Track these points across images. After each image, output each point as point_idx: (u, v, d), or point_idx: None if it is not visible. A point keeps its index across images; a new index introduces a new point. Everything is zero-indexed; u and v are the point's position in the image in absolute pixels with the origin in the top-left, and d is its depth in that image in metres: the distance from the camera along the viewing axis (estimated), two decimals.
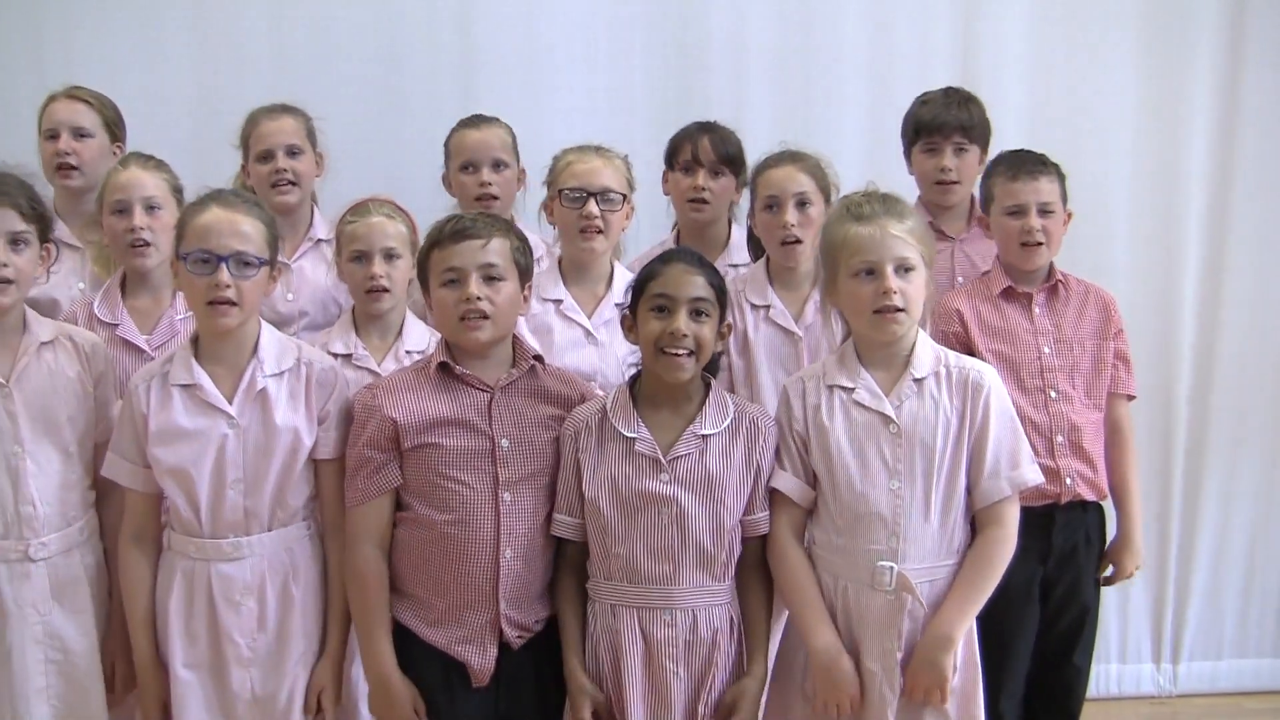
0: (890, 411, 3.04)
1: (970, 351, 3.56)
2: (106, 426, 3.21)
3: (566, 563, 3.13)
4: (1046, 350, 3.65)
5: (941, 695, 3.00)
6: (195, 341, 3.14)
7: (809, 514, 3.13)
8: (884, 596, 3.01)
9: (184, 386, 3.08)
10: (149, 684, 3.14)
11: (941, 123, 4.04)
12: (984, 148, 4.08)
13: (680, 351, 3.00)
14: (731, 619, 3.08)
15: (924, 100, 4.13)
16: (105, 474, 3.16)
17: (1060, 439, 3.60)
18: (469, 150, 4.07)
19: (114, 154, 4.06)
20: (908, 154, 4.14)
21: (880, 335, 3.05)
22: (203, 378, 3.08)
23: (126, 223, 3.58)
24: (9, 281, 3.10)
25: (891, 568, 3.00)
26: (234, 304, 3.02)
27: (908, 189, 3.62)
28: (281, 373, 3.12)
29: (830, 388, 3.10)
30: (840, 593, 3.06)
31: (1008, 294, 3.70)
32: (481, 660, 3.04)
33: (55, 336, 3.21)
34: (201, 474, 3.05)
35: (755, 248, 3.87)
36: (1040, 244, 3.64)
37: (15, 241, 3.11)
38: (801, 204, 3.63)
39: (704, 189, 3.98)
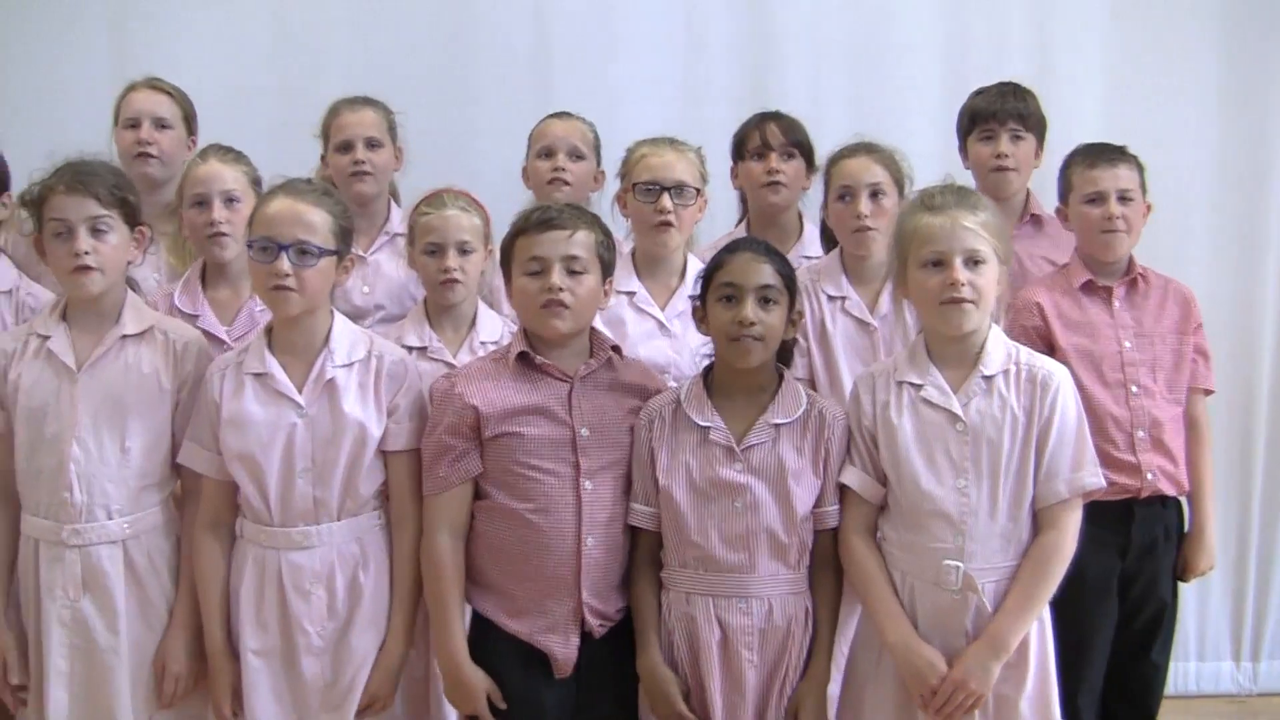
0: (958, 410, 3.02)
1: (1050, 345, 3.54)
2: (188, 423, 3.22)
3: (641, 553, 3.13)
4: (1127, 344, 3.61)
5: (976, 703, 2.97)
6: (269, 331, 3.18)
7: (880, 510, 3.11)
8: (950, 595, 2.99)
9: (256, 375, 3.11)
10: (221, 671, 3.16)
11: (997, 110, 4.03)
12: (1040, 140, 4.07)
13: (749, 339, 3.00)
14: (806, 608, 3.08)
15: (979, 92, 4.13)
16: (181, 460, 3.19)
17: (1141, 434, 3.57)
18: (549, 137, 4.13)
19: (188, 148, 4.10)
20: (963, 147, 4.12)
21: (947, 328, 3.03)
22: (274, 366, 3.11)
23: (206, 216, 3.61)
24: (91, 269, 3.13)
25: (958, 567, 2.98)
26: (292, 290, 3.04)
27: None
28: (351, 364, 3.14)
29: (899, 384, 3.08)
30: (908, 590, 3.05)
31: (1088, 287, 3.67)
32: (564, 650, 3.05)
33: (148, 329, 3.22)
34: (270, 462, 3.08)
35: (828, 241, 3.87)
36: (1120, 231, 3.61)
37: (96, 229, 3.13)
38: (875, 194, 3.61)
39: (778, 171, 3.99)
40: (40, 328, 3.22)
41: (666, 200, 3.65)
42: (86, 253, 3.11)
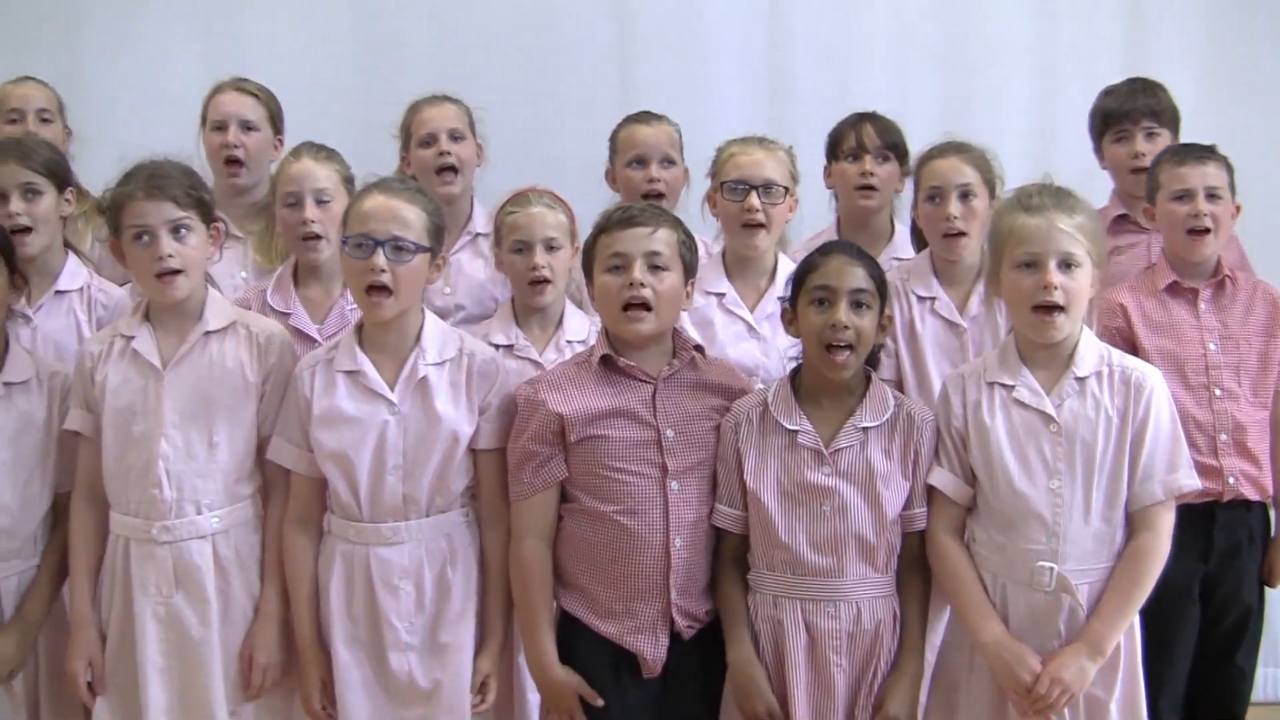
0: (1051, 410, 3.00)
1: (1133, 346, 3.52)
2: (275, 418, 3.24)
3: (726, 554, 3.13)
4: (1212, 347, 3.58)
5: (1069, 700, 2.95)
6: (360, 329, 3.19)
7: (968, 511, 3.10)
8: (1043, 597, 2.98)
9: (348, 373, 3.13)
10: (311, 664, 3.17)
11: (1130, 108, 4.01)
12: (1175, 134, 4.03)
13: (841, 343, 2.99)
14: (895, 611, 3.07)
15: (1108, 91, 4.10)
16: (270, 457, 3.21)
17: (1224, 437, 3.53)
18: (640, 145, 4.10)
19: (275, 147, 4.13)
20: (1098, 148, 4.09)
21: (1037, 335, 3.02)
22: (366, 364, 3.13)
23: (298, 215, 3.63)
24: (177, 271, 3.15)
25: (1051, 568, 2.96)
26: (388, 290, 3.06)
27: (1078, 184, 3.57)
28: (443, 362, 3.15)
29: (990, 385, 3.07)
30: (999, 591, 3.03)
31: (1173, 289, 3.64)
32: (654, 651, 3.05)
33: (230, 324, 3.25)
34: (362, 459, 3.10)
35: (918, 241, 3.85)
36: (1207, 230, 3.57)
37: (177, 229, 3.15)
38: (965, 195, 3.59)
39: (871, 174, 3.97)
40: (124, 329, 3.25)
41: (755, 199, 3.64)
42: (170, 255, 3.13)
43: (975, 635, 3.03)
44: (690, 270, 3.16)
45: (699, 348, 3.20)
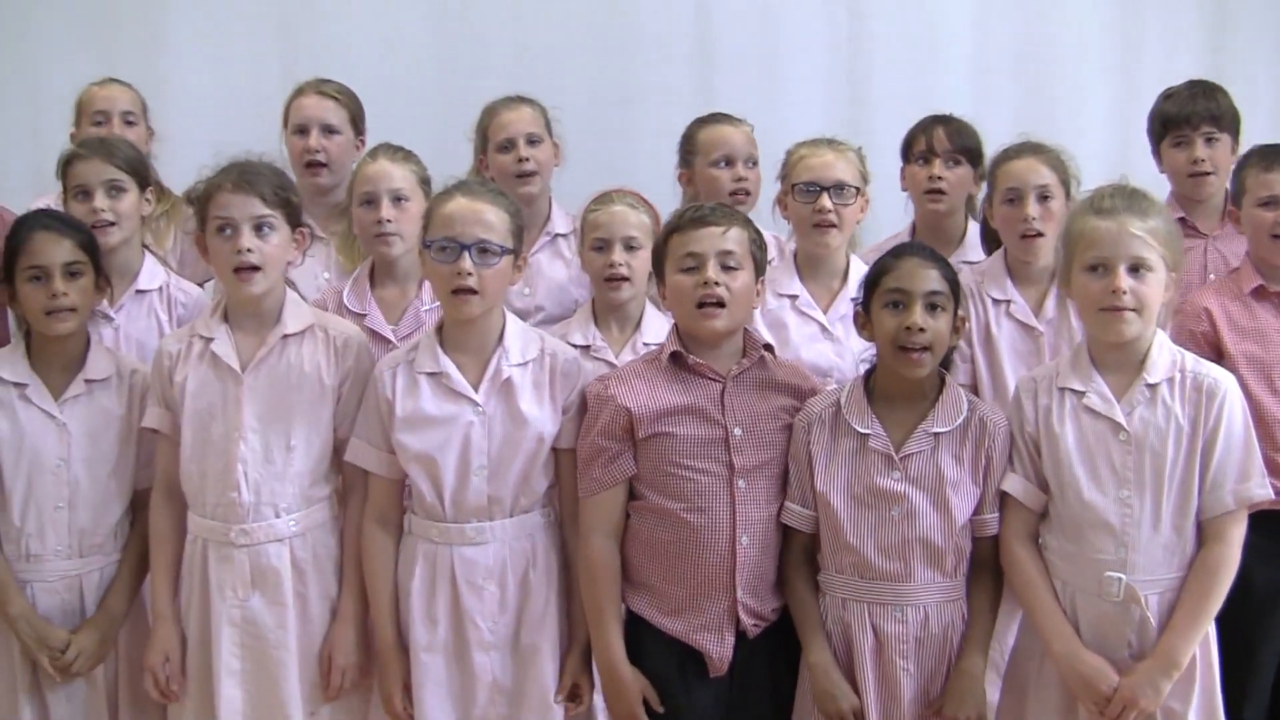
0: (1121, 418, 2.96)
1: (1218, 351, 3.47)
2: (352, 421, 3.24)
3: (796, 553, 3.12)
4: None
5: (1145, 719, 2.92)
6: (440, 330, 3.20)
7: (1041, 517, 3.06)
8: (1112, 607, 2.94)
9: (430, 374, 3.14)
10: (390, 665, 3.17)
11: (1189, 113, 3.94)
12: (1235, 137, 3.97)
13: (917, 346, 2.97)
14: (964, 616, 3.05)
15: (1168, 94, 4.05)
16: (349, 459, 3.22)
17: None
18: (727, 145, 4.11)
19: (356, 148, 4.15)
20: (1156, 151, 4.05)
21: (1106, 335, 2.98)
22: (449, 366, 3.13)
23: (374, 214, 3.65)
24: (256, 268, 3.17)
25: (1120, 578, 2.93)
26: (475, 292, 3.06)
27: (1156, 185, 3.53)
28: (526, 362, 3.16)
29: (1061, 390, 3.03)
30: (1069, 600, 3.00)
31: (1259, 293, 3.58)
32: (720, 649, 3.04)
33: (308, 327, 3.26)
34: (447, 460, 3.10)
35: (989, 241, 3.83)
36: None
37: (260, 226, 3.17)
38: (1043, 197, 3.56)
39: (940, 179, 3.95)
40: (202, 329, 3.26)
41: (825, 200, 3.63)
42: (250, 250, 3.15)
43: (1048, 644, 3.00)
44: (761, 269, 3.16)
45: (769, 347, 3.19)
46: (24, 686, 3.28)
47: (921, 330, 2.97)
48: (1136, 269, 2.93)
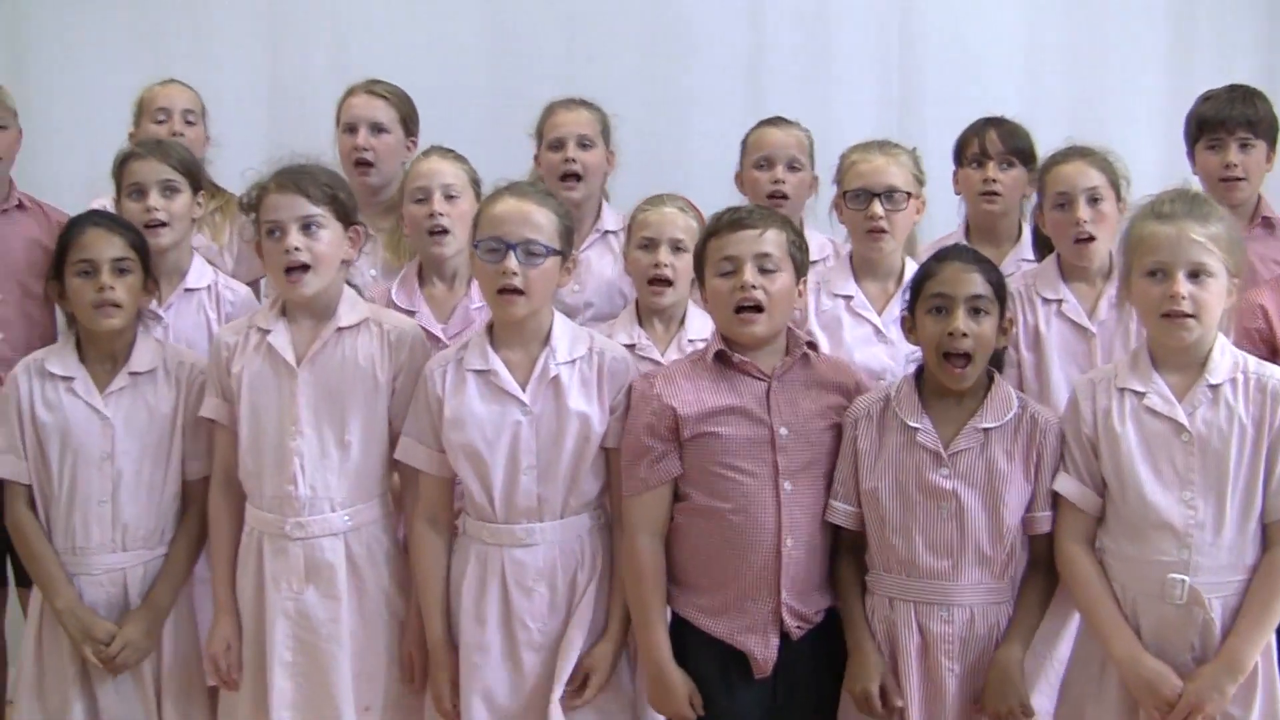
0: (1183, 419, 2.92)
1: (1272, 348, 3.43)
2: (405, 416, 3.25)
3: (845, 551, 3.11)
4: None
5: None
6: (490, 329, 3.20)
7: (1098, 520, 3.03)
8: (1174, 610, 2.91)
9: (479, 372, 3.14)
10: (441, 665, 3.18)
11: (1225, 117, 3.91)
12: (1271, 145, 3.94)
13: (959, 351, 2.96)
14: (1011, 617, 3.03)
15: (1207, 97, 4.01)
16: (399, 457, 3.23)
17: None
18: (767, 147, 4.10)
19: (407, 149, 4.17)
20: (1191, 153, 4.02)
21: (1167, 340, 2.95)
22: (497, 364, 3.13)
23: (426, 209, 3.67)
24: (306, 267, 3.18)
25: (1183, 580, 2.89)
26: (521, 292, 3.07)
27: None
28: (574, 361, 3.15)
29: (1121, 391, 3.00)
30: (1130, 604, 2.96)
31: None
32: (764, 651, 3.03)
33: (362, 320, 3.27)
34: (495, 459, 3.11)
35: (1041, 245, 3.81)
36: None
37: (308, 226, 3.19)
38: (1093, 200, 3.53)
39: (994, 180, 3.94)
40: (261, 321, 3.29)
41: (877, 206, 3.61)
42: (297, 249, 3.16)
43: (1109, 649, 2.96)
44: (801, 269, 3.14)
45: (812, 344, 3.18)
46: (73, 679, 3.31)
47: (964, 335, 2.96)
48: (1196, 275, 2.90)
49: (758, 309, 3.03)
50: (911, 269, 3.61)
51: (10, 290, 3.96)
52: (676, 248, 3.52)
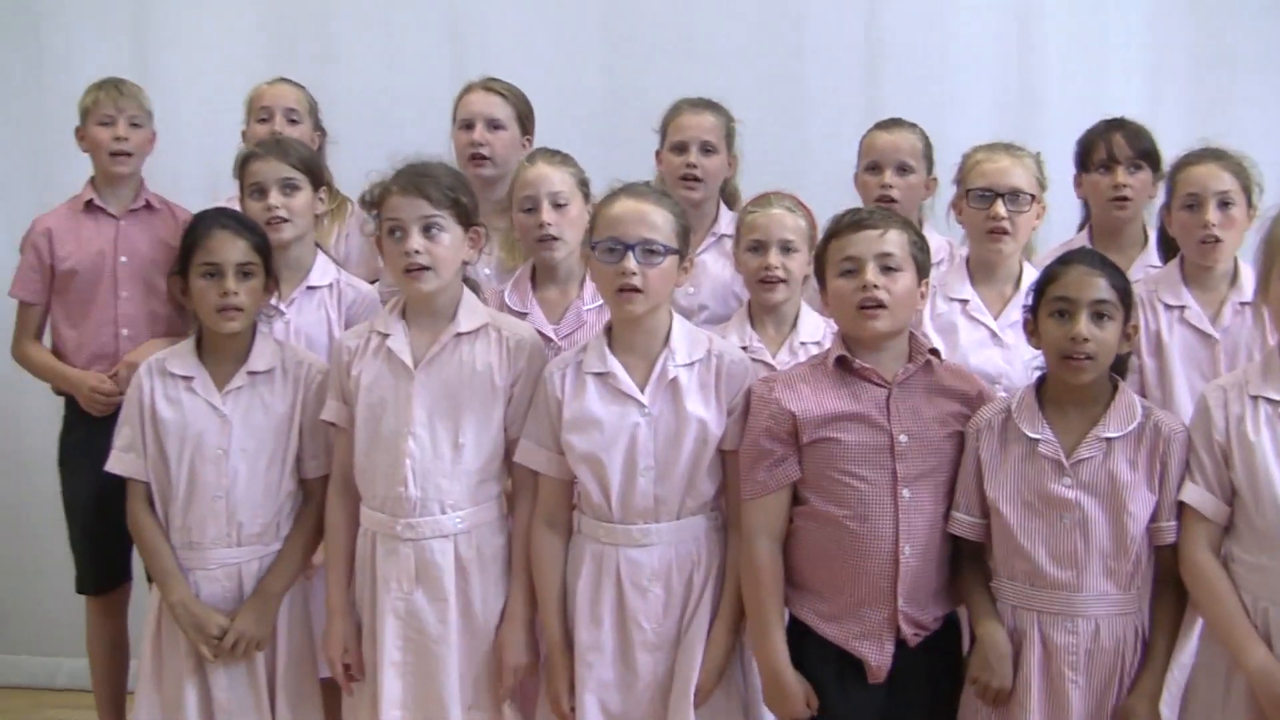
0: None
1: None
2: (523, 422, 3.26)
3: (968, 559, 3.09)
4: None
5: None
6: (609, 331, 3.21)
7: (1226, 530, 2.98)
8: None
9: (598, 375, 3.15)
10: (559, 666, 3.20)
11: None
12: None
13: (1081, 355, 2.92)
14: (1137, 629, 2.99)
15: None
16: (518, 459, 3.24)
17: None
18: (876, 151, 4.08)
19: (523, 146, 4.18)
20: None
21: None
22: (616, 366, 3.14)
23: (535, 219, 3.66)
24: (425, 268, 3.20)
25: None
26: (639, 290, 3.08)
27: None
28: (692, 363, 3.15)
29: (1255, 398, 2.95)
30: (1260, 614, 2.91)
31: None
32: (879, 657, 3.02)
33: (482, 326, 3.29)
34: (613, 461, 3.11)
35: (1166, 247, 3.75)
36: None
37: (429, 227, 3.21)
38: (1224, 204, 3.49)
39: (1125, 186, 3.87)
40: (380, 325, 3.32)
41: (1000, 207, 3.59)
42: (418, 251, 3.19)
43: (1239, 659, 2.90)
44: (923, 271, 3.13)
45: (934, 351, 3.16)
46: (189, 671, 3.35)
47: (1086, 340, 2.92)
48: None
49: (880, 307, 3.01)
50: (1029, 273, 3.60)
51: (136, 289, 4.08)
52: (786, 249, 3.51)
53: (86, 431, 3.96)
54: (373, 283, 4.00)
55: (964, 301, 3.66)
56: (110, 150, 4.09)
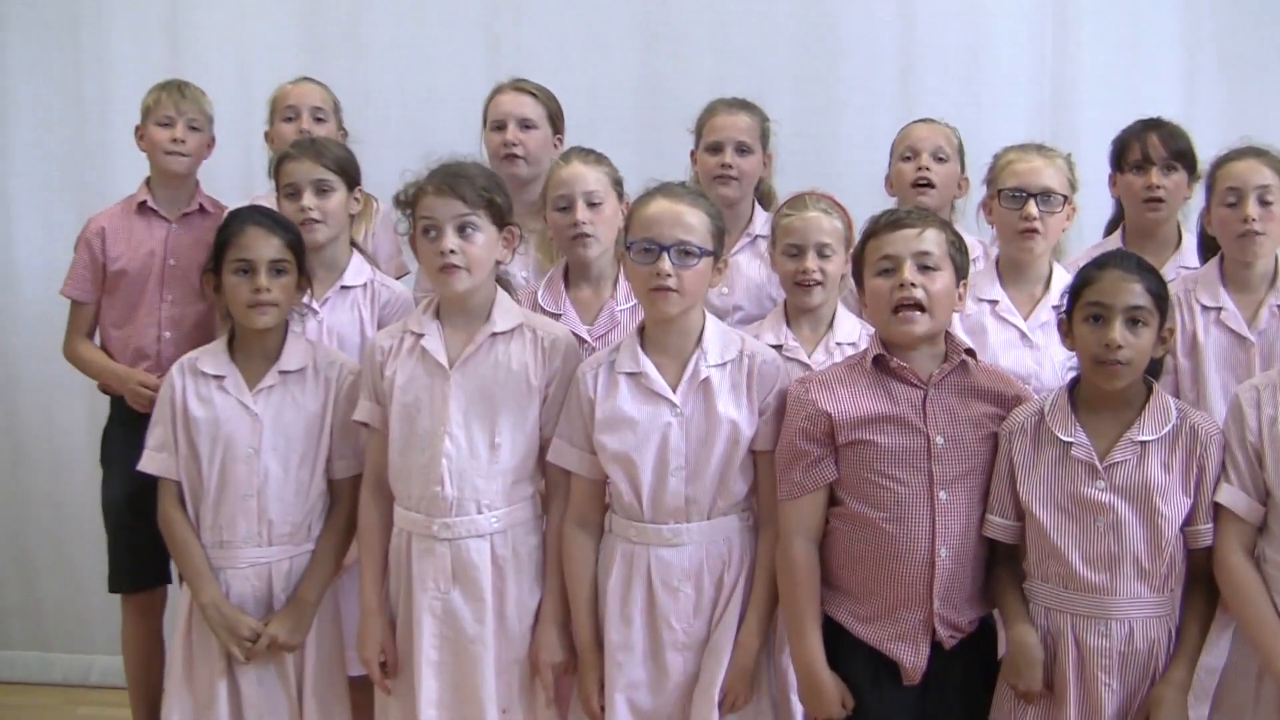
0: None
1: None
2: (557, 421, 3.26)
3: (1002, 561, 3.08)
4: None
5: None
6: (641, 331, 3.21)
7: (1260, 530, 2.96)
8: None
9: (630, 374, 3.15)
10: (590, 665, 3.20)
11: None
12: None
13: (1114, 361, 2.90)
14: (1170, 632, 2.97)
15: None
16: (551, 459, 3.24)
17: None
18: (913, 140, 4.12)
19: (554, 146, 4.18)
20: None
21: None
22: (648, 366, 3.15)
23: (569, 218, 3.66)
24: (459, 268, 3.21)
25: None
26: (674, 290, 3.07)
27: None
28: (724, 363, 3.15)
29: None
30: None
31: None
32: (914, 659, 3.01)
33: (517, 326, 3.30)
34: (645, 460, 3.11)
35: (1206, 249, 3.74)
36: None
37: (463, 227, 3.22)
38: (1264, 200, 3.48)
39: (1158, 187, 3.85)
40: (414, 325, 3.32)
41: (1032, 207, 3.58)
42: (452, 251, 3.19)
43: (1269, 661, 2.89)
44: (961, 271, 3.11)
45: (970, 351, 3.14)
46: (220, 671, 3.36)
47: (1120, 347, 2.90)
48: None
49: (918, 308, 3.00)
50: (1059, 274, 3.61)
51: (183, 292, 4.09)
52: (822, 252, 3.49)
53: (127, 431, 3.97)
54: (398, 278, 4.02)
55: (993, 302, 3.66)
56: (165, 150, 4.10)
